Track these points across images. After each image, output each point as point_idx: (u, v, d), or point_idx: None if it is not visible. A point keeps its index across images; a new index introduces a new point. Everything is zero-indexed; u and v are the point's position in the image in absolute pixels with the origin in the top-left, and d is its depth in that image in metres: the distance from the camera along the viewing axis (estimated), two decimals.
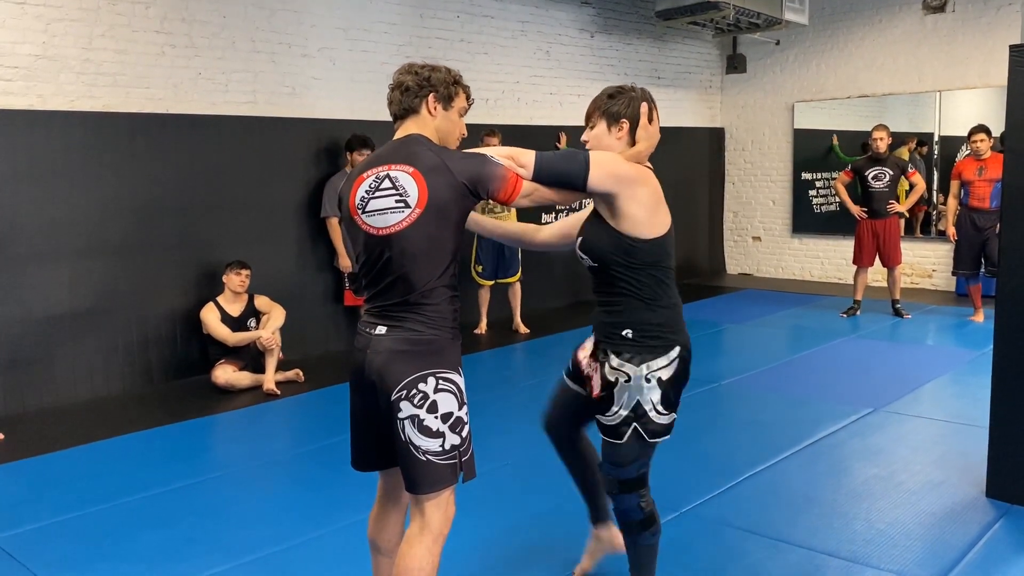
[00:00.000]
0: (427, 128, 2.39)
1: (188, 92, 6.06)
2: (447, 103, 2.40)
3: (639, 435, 2.53)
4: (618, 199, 2.46)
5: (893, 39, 9.37)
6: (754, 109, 10.63)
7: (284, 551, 3.33)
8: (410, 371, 2.27)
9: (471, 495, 2.67)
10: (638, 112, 2.56)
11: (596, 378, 2.61)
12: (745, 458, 4.22)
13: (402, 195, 2.28)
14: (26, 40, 5.31)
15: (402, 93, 2.38)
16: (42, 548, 3.41)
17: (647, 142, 2.58)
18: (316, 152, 6.69)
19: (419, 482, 2.29)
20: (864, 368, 6.01)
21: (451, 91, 2.41)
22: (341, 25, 6.89)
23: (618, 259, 2.50)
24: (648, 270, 2.52)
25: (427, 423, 2.27)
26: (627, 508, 2.62)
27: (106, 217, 5.70)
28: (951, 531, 3.38)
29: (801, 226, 10.36)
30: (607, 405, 2.55)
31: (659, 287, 2.54)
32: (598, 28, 9.17)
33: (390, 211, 2.29)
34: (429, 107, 2.38)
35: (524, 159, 2.36)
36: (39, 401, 5.44)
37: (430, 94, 2.37)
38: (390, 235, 2.29)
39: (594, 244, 2.53)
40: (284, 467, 4.42)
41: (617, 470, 2.59)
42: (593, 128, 2.59)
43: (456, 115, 2.44)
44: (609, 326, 2.57)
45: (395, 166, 2.31)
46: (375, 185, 2.32)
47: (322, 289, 6.86)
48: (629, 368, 2.51)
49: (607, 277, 2.54)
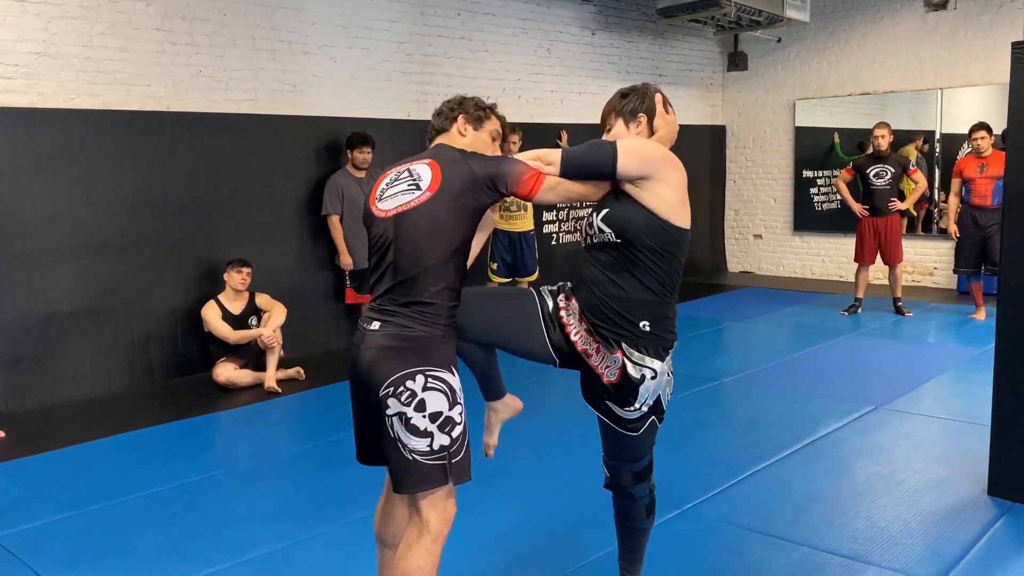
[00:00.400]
0: (457, 143, 2.50)
1: (189, 90, 6.05)
2: (477, 124, 2.53)
3: (653, 425, 2.54)
4: (651, 181, 2.39)
5: (895, 36, 9.36)
6: (755, 107, 10.62)
7: (285, 549, 3.33)
8: (398, 368, 2.26)
9: (471, 494, 2.67)
10: (653, 104, 2.56)
11: (611, 368, 2.44)
12: (746, 456, 4.22)
13: (415, 180, 2.37)
14: (27, 38, 5.31)
15: (436, 116, 2.56)
16: (43, 546, 3.41)
17: (667, 129, 2.56)
18: (317, 150, 6.69)
19: (403, 481, 2.28)
20: (865, 366, 6.00)
21: (481, 114, 2.55)
22: (342, 23, 6.88)
23: (647, 239, 2.40)
24: (671, 260, 2.44)
25: (414, 421, 2.25)
26: (640, 496, 2.65)
27: (107, 215, 5.70)
28: (952, 529, 3.38)
29: (802, 224, 10.35)
30: (628, 401, 2.45)
31: (673, 280, 2.49)
32: (599, 25, 9.16)
33: (401, 194, 2.37)
34: (459, 127, 2.53)
35: (551, 157, 2.41)
36: (40, 399, 5.44)
37: (460, 115, 2.53)
38: (396, 215, 2.35)
39: (623, 218, 2.40)
40: (285, 465, 4.42)
41: (632, 464, 2.60)
42: (611, 130, 2.57)
43: (487, 136, 2.55)
44: (620, 313, 2.42)
45: (417, 162, 2.43)
46: (395, 178, 2.43)
47: (323, 287, 6.86)
48: (653, 364, 2.44)
49: (627, 256, 2.42)
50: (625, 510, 2.70)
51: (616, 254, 2.44)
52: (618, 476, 2.63)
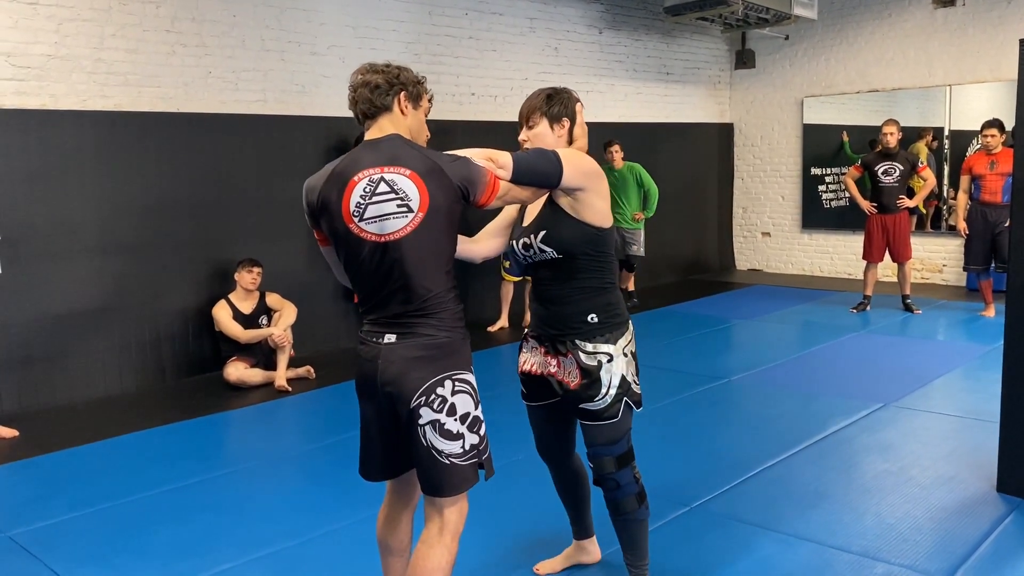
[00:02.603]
0: (401, 127, 2.35)
1: (198, 91, 6.09)
2: (416, 102, 2.39)
3: (629, 408, 2.66)
4: (585, 193, 2.55)
5: (903, 33, 9.34)
6: (763, 104, 10.60)
7: (297, 546, 3.36)
8: (427, 376, 2.26)
9: (482, 492, 2.68)
10: (575, 111, 2.69)
11: (569, 371, 2.64)
12: (755, 453, 4.22)
13: (403, 199, 2.23)
14: (38, 40, 5.35)
15: (371, 91, 2.32)
16: (58, 543, 3.44)
17: (583, 139, 2.71)
18: (326, 150, 6.71)
19: (444, 486, 2.29)
20: (874, 363, 5.99)
21: (419, 90, 2.39)
22: (350, 23, 6.91)
23: (586, 249, 2.59)
24: (605, 256, 2.64)
25: (448, 426, 2.27)
26: (626, 483, 2.69)
27: (118, 216, 5.74)
28: (962, 526, 3.38)
29: (810, 221, 10.33)
30: (595, 391, 2.60)
31: (609, 270, 2.67)
32: (607, 24, 9.17)
33: (392, 216, 2.23)
34: (401, 105, 2.35)
35: (503, 160, 2.39)
36: (53, 398, 5.48)
37: (401, 92, 2.34)
38: (393, 242, 2.25)
39: (562, 237, 2.57)
40: (296, 463, 4.45)
41: (611, 448, 2.65)
42: (533, 128, 2.67)
43: (423, 115, 2.43)
44: (568, 317, 2.63)
45: (388, 169, 2.25)
46: (370, 189, 2.24)
47: (333, 286, 6.89)
48: (607, 348, 2.61)
49: (568, 269, 2.60)
50: (616, 503, 2.73)
51: (557, 268, 2.62)
52: (601, 464, 2.68)
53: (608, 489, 2.71)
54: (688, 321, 7.69)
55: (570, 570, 3.08)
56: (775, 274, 10.51)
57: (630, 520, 2.75)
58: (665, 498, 3.60)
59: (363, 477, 2.50)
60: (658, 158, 9.43)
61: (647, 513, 2.77)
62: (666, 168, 9.53)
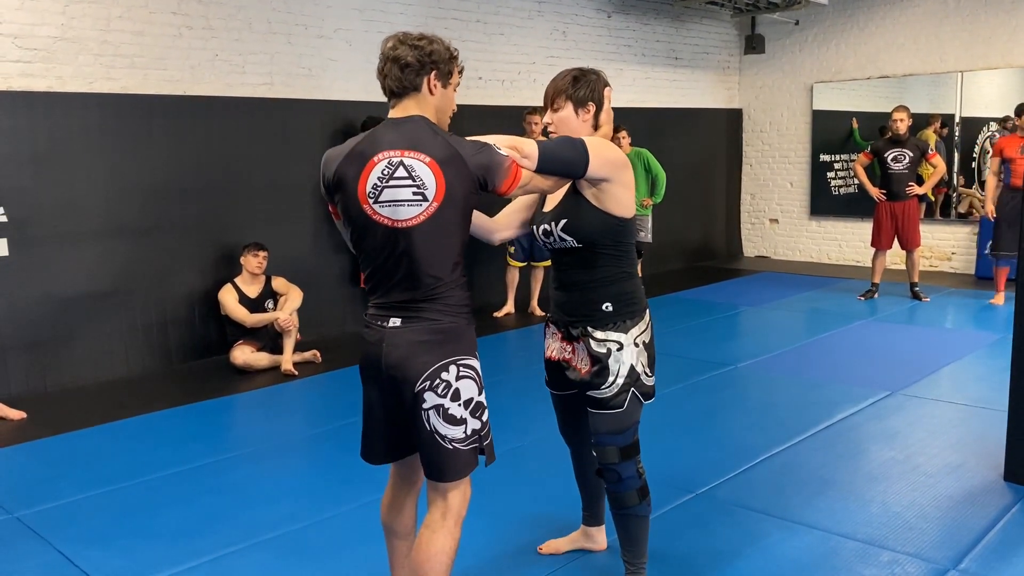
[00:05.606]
0: (428, 108, 2.30)
1: (205, 73, 6.07)
2: (446, 80, 2.31)
3: (636, 399, 2.62)
4: (611, 184, 2.51)
5: (914, 18, 9.25)
6: (772, 90, 10.54)
7: (302, 529, 3.37)
8: (433, 361, 2.25)
9: (488, 476, 2.68)
10: (602, 96, 2.62)
11: (582, 357, 2.64)
12: (761, 440, 4.22)
13: (420, 187, 2.20)
14: (45, 22, 5.33)
15: (401, 69, 2.25)
16: (64, 525, 3.46)
17: (609, 126, 2.66)
18: (332, 133, 6.70)
19: (446, 470, 2.29)
20: (882, 351, 5.98)
21: (451, 67, 2.31)
22: (357, 6, 6.88)
23: (607, 240, 2.56)
24: (626, 246, 2.61)
25: (451, 411, 2.27)
26: (628, 476, 2.65)
27: (124, 199, 5.74)
28: (968, 514, 3.37)
29: (819, 208, 10.29)
30: (602, 379, 2.58)
31: (629, 259, 2.64)
32: (615, 8, 9.11)
33: (407, 203, 2.21)
34: (430, 85, 2.28)
35: (527, 149, 2.34)
36: (60, 381, 5.50)
37: (432, 71, 2.27)
38: (407, 228, 2.23)
39: (583, 226, 2.54)
40: (302, 447, 4.46)
41: (615, 438, 2.62)
42: (558, 111, 2.60)
43: (452, 92, 2.35)
44: (585, 304, 2.61)
45: (408, 153, 2.22)
46: (388, 172, 2.22)
47: (338, 270, 6.89)
48: (617, 336, 2.58)
49: (589, 257, 2.58)
50: (617, 496, 2.69)
51: (579, 255, 2.60)
52: (604, 453, 2.64)
53: (609, 481, 2.68)
54: (695, 308, 7.67)
55: (573, 554, 3.09)
56: (783, 261, 10.48)
57: (630, 515, 2.71)
58: (671, 484, 3.60)
59: (365, 460, 2.50)
60: (666, 143, 9.38)
61: (648, 510, 2.73)
62: (674, 154, 9.48)
